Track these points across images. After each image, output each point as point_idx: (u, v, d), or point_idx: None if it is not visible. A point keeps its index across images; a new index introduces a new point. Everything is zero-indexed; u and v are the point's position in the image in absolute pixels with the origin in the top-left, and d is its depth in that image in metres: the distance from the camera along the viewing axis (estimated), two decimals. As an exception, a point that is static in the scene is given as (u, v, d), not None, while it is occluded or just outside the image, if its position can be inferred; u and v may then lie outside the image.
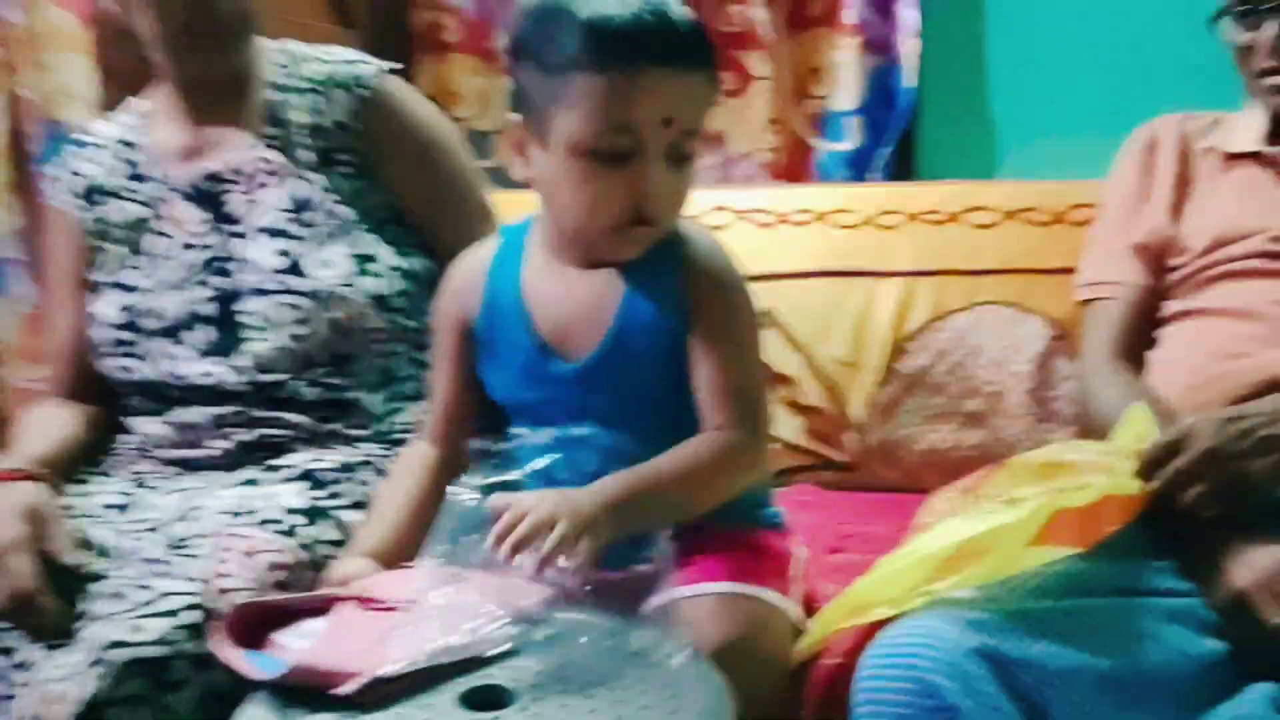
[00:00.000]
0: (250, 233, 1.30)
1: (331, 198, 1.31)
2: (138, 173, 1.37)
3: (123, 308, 1.32)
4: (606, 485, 0.98)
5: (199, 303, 1.29)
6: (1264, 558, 0.98)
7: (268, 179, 1.32)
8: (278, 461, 1.24)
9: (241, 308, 1.28)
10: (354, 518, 1.18)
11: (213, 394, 1.27)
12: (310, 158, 1.33)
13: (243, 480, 1.22)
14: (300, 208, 1.30)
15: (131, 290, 1.32)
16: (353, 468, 1.24)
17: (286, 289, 1.27)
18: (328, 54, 1.38)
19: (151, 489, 1.25)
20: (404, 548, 1.06)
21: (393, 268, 1.31)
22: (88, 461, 1.32)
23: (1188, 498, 1.01)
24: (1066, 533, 0.96)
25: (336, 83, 1.34)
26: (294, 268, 1.27)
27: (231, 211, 1.32)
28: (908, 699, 0.88)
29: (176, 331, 1.30)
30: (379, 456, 1.27)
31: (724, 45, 1.96)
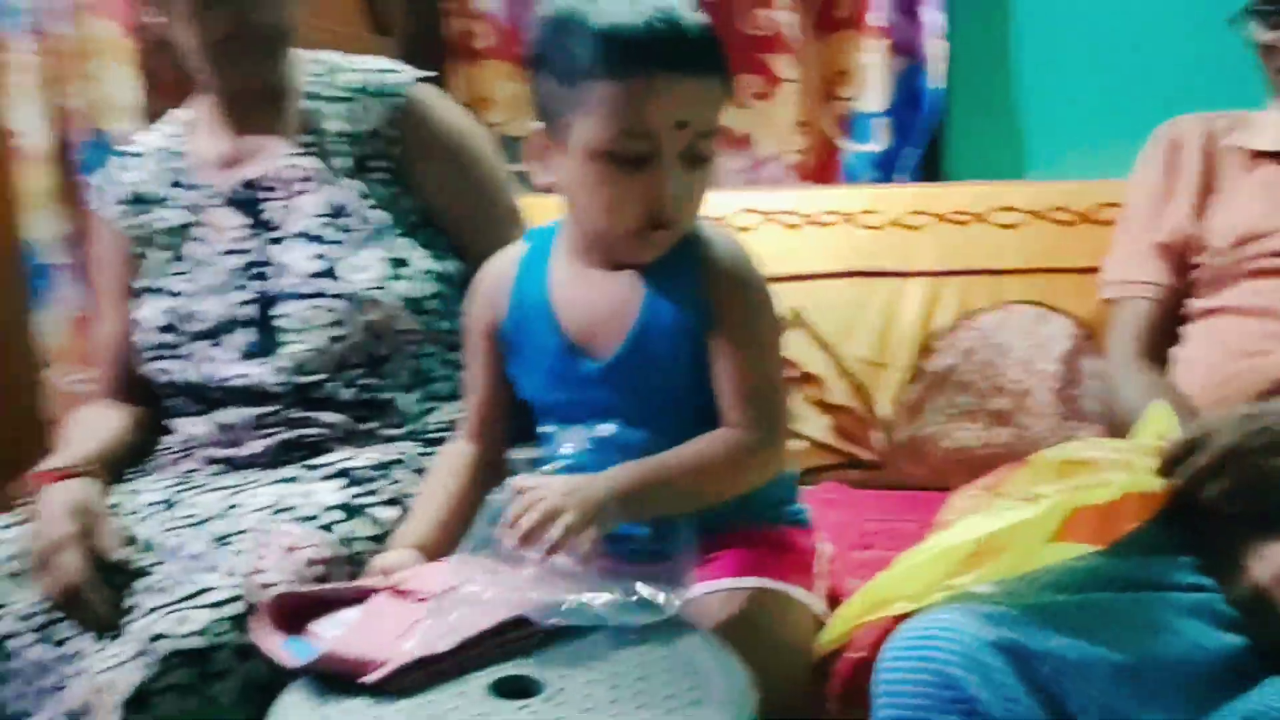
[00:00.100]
0: (287, 238, 1.33)
1: (366, 203, 1.34)
2: (179, 180, 1.39)
3: (165, 311, 1.34)
4: (619, 473, 1.01)
5: (238, 306, 1.32)
6: (1284, 553, 0.98)
7: (304, 185, 1.34)
8: (315, 460, 1.27)
9: (279, 311, 1.30)
10: (389, 514, 1.20)
11: (252, 395, 1.30)
12: (345, 164, 1.35)
13: (282, 478, 1.24)
14: (335, 213, 1.33)
15: (174, 295, 1.35)
16: (388, 466, 1.26)
17: (322, 292, 1.29)
18: (362, 63, 1.41)
19: (195, 487, 1.27)
20: (444, 541, 1.09)
21: (425, 271, 1.34)
22: (134, 461, 1.35)
23: (1208, 494, 1.01)
24: (1085, 530, 0.97)
25: (370, 91, 1.37)
26: (329, 272, 1.30)
27: (270, 217, 1.35)
28: (927, 690, 0.89)
29: (217, 334, 1.32)
30: (413, 455, 1.29)
31: (751, 48, 1.97)
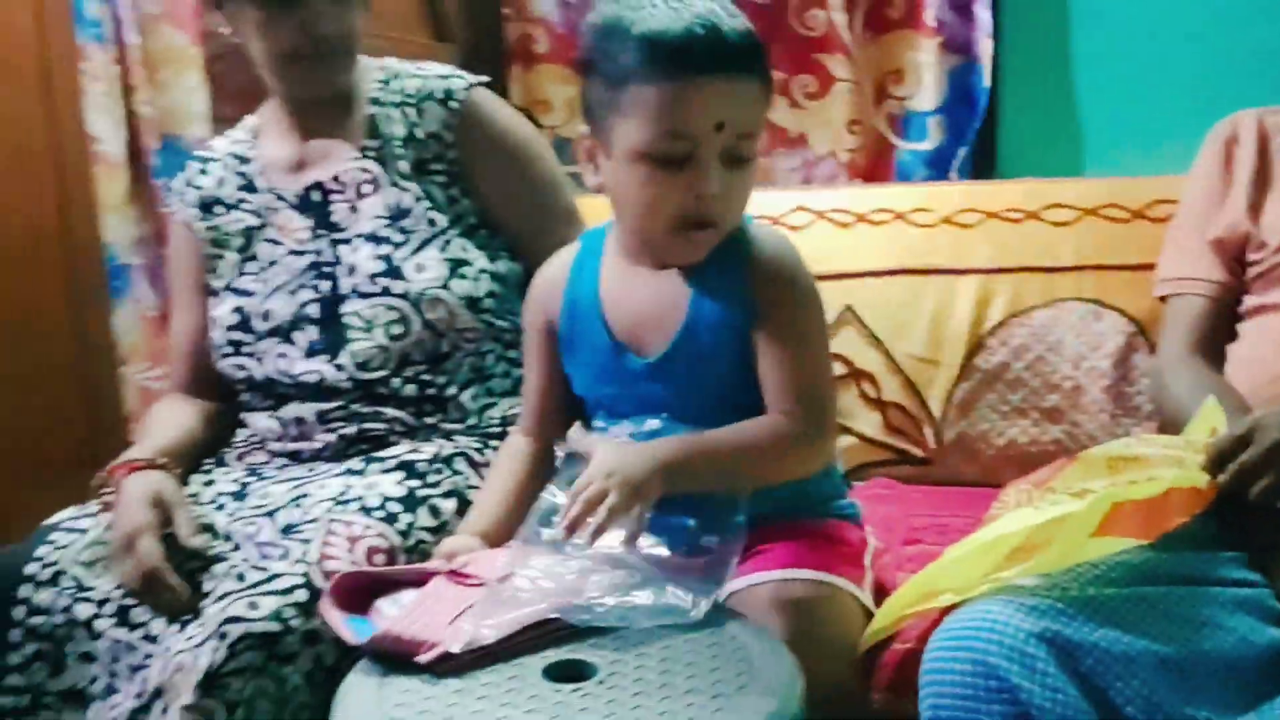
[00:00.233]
0: (352, 239, 1.37)
1: (426, 205, 1.38)
2: (250, 185, 1.44)
3: (237, 310, 1.39)
4: (662, 445, 1.04)
5: (306, 305, 1.36)
6: (1333, 550, 0.98)
7: (368, 188, 1.39)
8: (379, 453, 1.31)
9: (345, 310, 1.34)
10: (448, 505, 1.24)
11: (319, 390, 1.34)
12: (406, 168, 1.39)
13: (346, 470, 1.29)
14: (397, 215, 1.37)
15: (246, 294, 1.40)
16: (448, 459, 1.30)
17: (385, 292, 1.33)
18: (423, 69, 1.45)
19: (265, 479, 1.32)
20: (504, 528, 1.14)
21: (483, 271, 1.37)
22: (207, 454, 1.40)
23: (1256, 490, 1.01)
24: (1131, 524, 0.97)
25: (430, 97, 1.41)
26: (392, 271, 1.34)
27: (336, 219, 1.39)
28: (970, 680, 0.90)
29: (287, 332, 1.36)
30: (472, 449, 1.33)
31: (805, 49, 1.99)
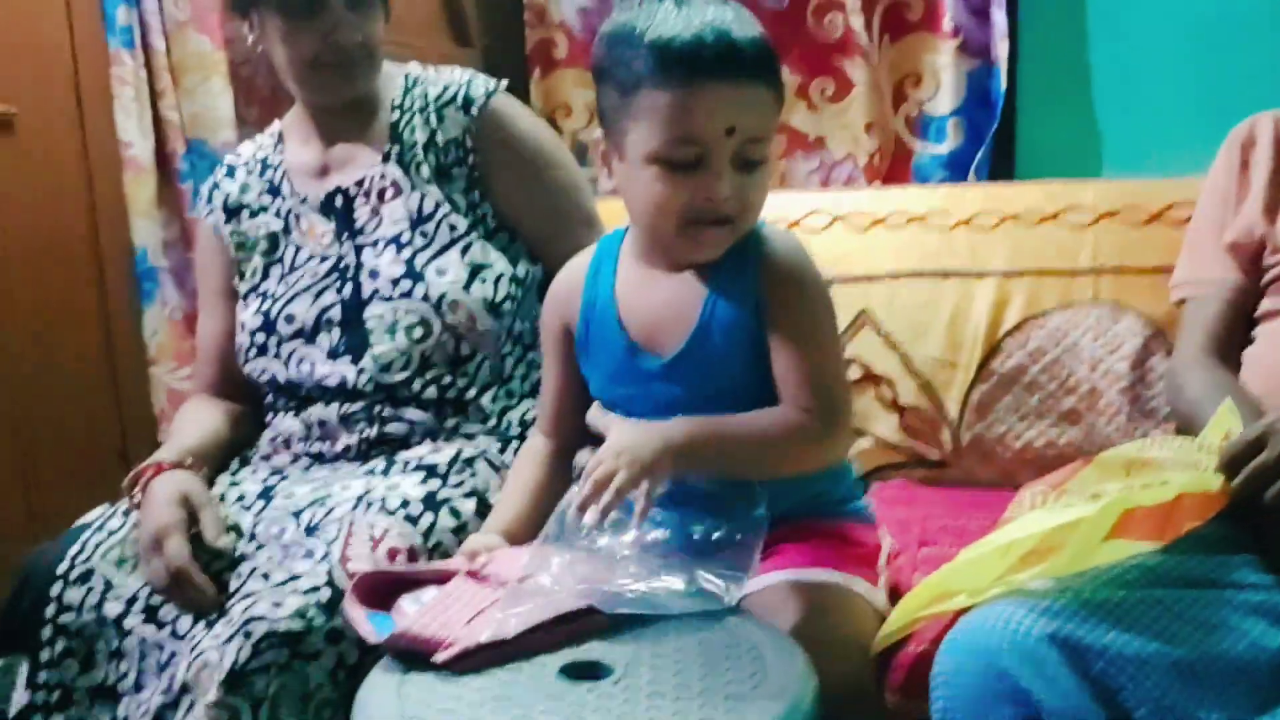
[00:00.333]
0: (375, 243, 1.39)
1: (447, 210, 1.39)
2: (274, 189, 1.47)
3: (262, 313, 1.41)
4: (673, 426, 1.05)
5: (328, 308, 1.38)
6: (1346, 553, 0.98)
7: (390, 193, 1.41)
8: (400, 455, 1.33)
9: (367, 313, 1.36)
10: (468, 506, 1.26)
11: (341, 393, 1.36)
12: (428, 173, 1.41)
13: (368, 471, 1.31)
14: (419, 220, 1.39)
15: (270, 298, 1.42)
16: (468, 460, 1.32)
17: (406, 295, 1.35)
18: (444, 75, 1.47)
19: (289, 480, 1.34)
20: (525, 527, 1.16)
21: (503, 274, 1.38)
22: (232, 455, 1.42)
23: (1271, 494, 1.01)
24: (1143, 528, 0.97)
25: (452, 102, 1.43)
26: (413, 275, 1.36)
27: (358, 224, 1.41)
28: (981, 681, 0.91)
29: (310, 335, 1.38)
30: (492, 450, 1.35)
31: (823, 52, 2.01)
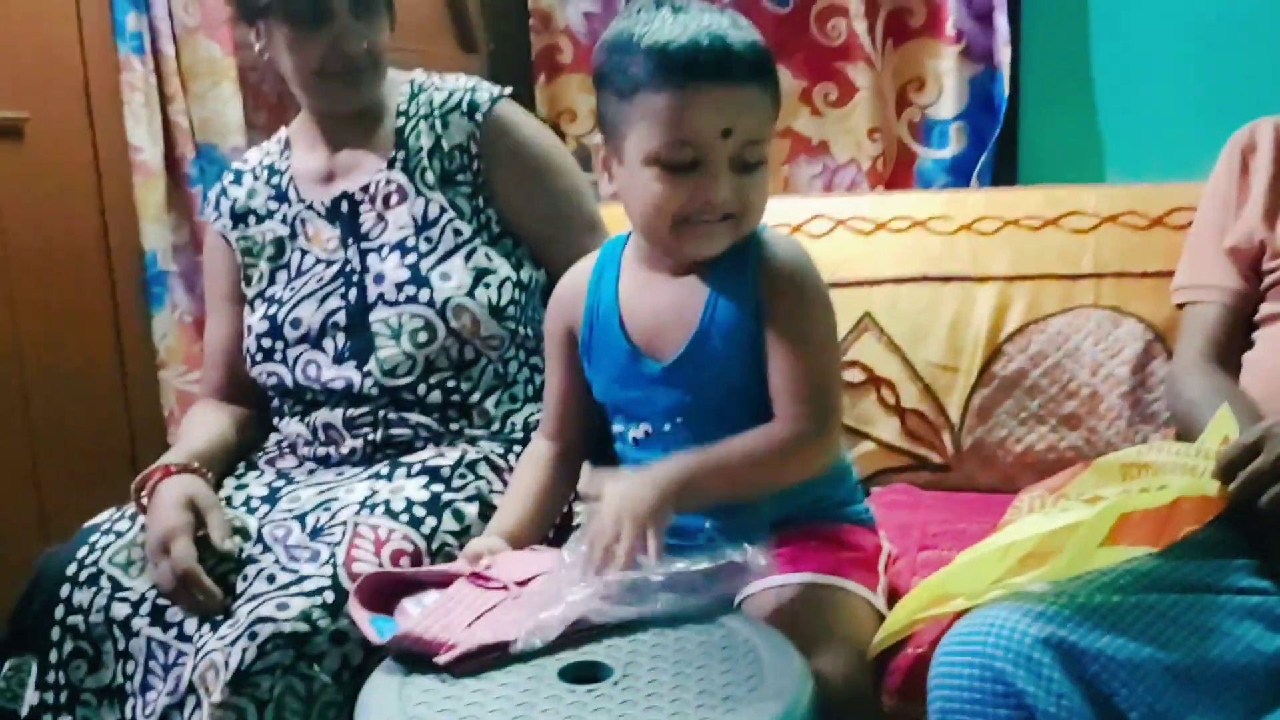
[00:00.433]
0: (380, 248, 1.41)
1: (451, 215, 1.40)
2: (281, 195, 1.48)
3: (269, 318, 1.42)
4: (667, 469, 1.05)
5: (334, 313, 1.39)
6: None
7: (395, 199, 1.42)
8: (404, 458, 1.34)
9: (372, 317, 1.37)
10: (471, 509, 1.28)
11: (346, 397, 1.38)
12: (433, 179, 1.42)
13: (373, 475, 1.32)
14: (424, 225, 1.40)
15: (276, 302, 1.43)
16: (471, 464, 1.33)
17: (411, 300, 1.36)
18: (449, 82, 1.48)
19: (295, 483, 1.36)
20: (528, 529, 1.18)
21: (506, 279, 1.40)
22: (238, 458, 1.44)
23: (1267, 498, 1.01)
24: (1141, 533, 0.98)
25: (456, 109, 1.44)
26: (418, 280, 1.37)
27: (364, 229, 1.42)
28: (978, 684, 0.92)
29: (316, 340, 1.40)
30: (495, 454, 1.36)
31: (827, 57, 2.02)
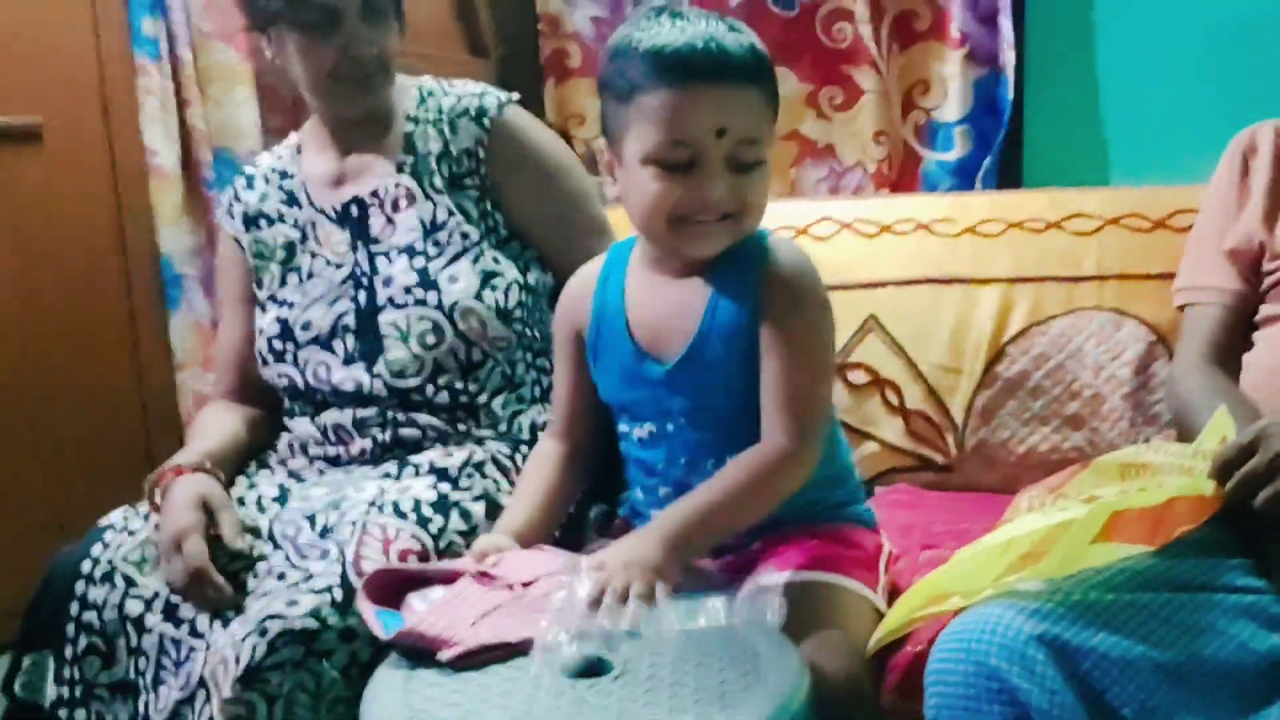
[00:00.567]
0: (389, 251, 1.43)
1: (459, 219, 1.42)
2: (292, 199, 1.50)
3: (280, 320, 1.45)
4: (664, 525, 1.07)
5: (343, 315, 1.41)
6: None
7: (404, 203, 1.44)
8: (412, 458, 1.36)
9: (381, 320, 1.39)
10: (479, 509, 1.30)
11: (355, 398, 1.40)
12: (441, 183, 1.44)
13: (382, 475, 1.34)
14: (432, 229, 1.42)
15: (287, 305, 1.45)
16: (479, 464, 1.35)
17: (419, 302, 1.38)
18: (457, 87, 1.50)
19: (305, 482, 1.38)
20: (536, 528, 1.20)
21: (514, 282, 1.41)
22: (249, 458, 1.46)
23: (1262, 498, 1.02)
24: (1134, 531, 0.99)
25: (465, 114, 1.46)
26: (426, 283, 1.39)
27: (373, 232, 1.44)
28: (971, 681, 0.93)
29: (326, 342, 1.42)
30: (502, 454, 1.38)
31: (832, 61, 2.04)
